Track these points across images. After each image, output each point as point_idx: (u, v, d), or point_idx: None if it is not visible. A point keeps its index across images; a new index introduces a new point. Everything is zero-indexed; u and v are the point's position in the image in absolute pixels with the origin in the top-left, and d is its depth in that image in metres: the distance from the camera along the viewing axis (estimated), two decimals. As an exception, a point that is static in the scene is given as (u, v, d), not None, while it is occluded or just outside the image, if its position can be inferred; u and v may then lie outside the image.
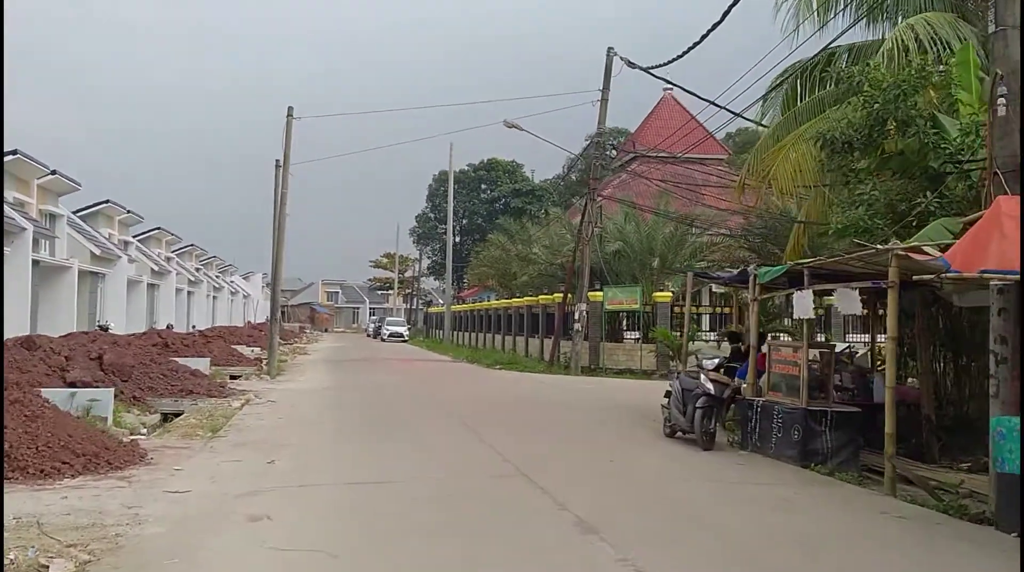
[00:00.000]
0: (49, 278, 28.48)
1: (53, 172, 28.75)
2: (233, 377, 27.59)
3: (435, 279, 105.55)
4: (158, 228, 45.07)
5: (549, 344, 34.60)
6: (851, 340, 25.76)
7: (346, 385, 23.83)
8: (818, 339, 24.37)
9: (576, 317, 29.22)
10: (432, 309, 78.66)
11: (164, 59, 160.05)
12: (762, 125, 19.11)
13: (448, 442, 13.14)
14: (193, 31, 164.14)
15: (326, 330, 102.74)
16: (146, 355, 21.08)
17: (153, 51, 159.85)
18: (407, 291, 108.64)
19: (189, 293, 49.22)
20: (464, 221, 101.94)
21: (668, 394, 13.95)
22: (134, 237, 40.57)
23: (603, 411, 17.83)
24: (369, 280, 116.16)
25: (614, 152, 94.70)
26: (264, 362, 29.06)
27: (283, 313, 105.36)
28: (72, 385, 15.10)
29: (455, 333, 54.34)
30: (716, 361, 13.59)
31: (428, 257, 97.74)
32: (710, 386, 12.72)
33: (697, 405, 12.74)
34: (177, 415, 16.99)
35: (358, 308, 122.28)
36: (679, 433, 13.52)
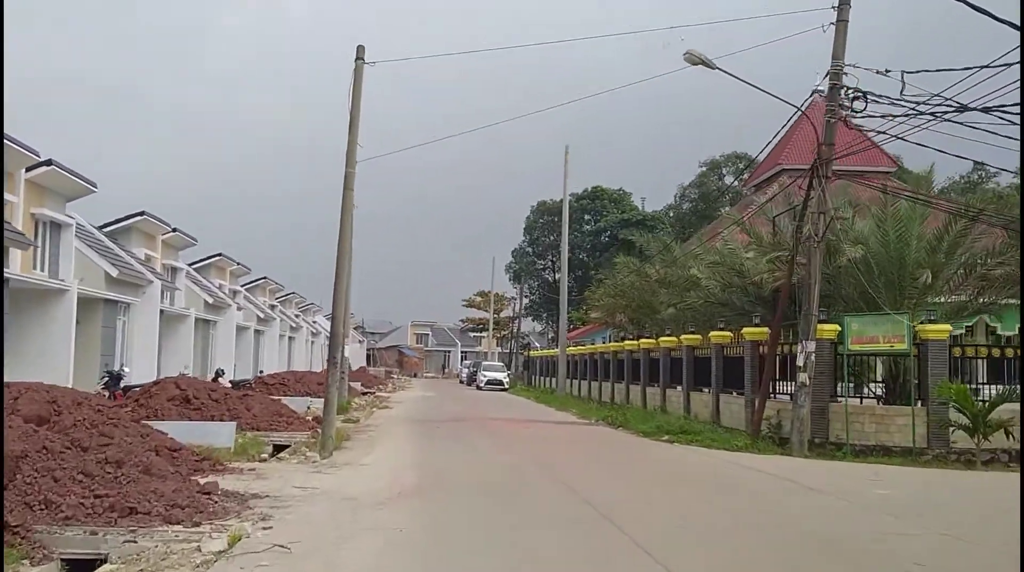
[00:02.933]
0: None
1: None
2: (278, 448, 18.31)
3: (533, 320, 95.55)
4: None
5: (727, 402, 23.92)
6: None
7: (444, 477, 13.66)
8: None
9: (800, 364, 18.57)
10: (534, 353, 68.30)
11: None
12: None
13: None
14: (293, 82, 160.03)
15: (415, 375, 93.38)
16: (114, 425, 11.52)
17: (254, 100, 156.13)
18: (503, 333, 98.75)
19: (257, 332, 44.70)
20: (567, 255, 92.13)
21: None
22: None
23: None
24: (461, 321, 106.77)
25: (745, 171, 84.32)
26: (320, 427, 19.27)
27: (370, 357, 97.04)
28: None
29: (570, 382, 43.83)
30: None
31: (527, 295, 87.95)
32: None
33: None
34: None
35: (449, 352, 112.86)
36: None
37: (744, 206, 48.57)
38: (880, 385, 21.04)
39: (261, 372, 40.21)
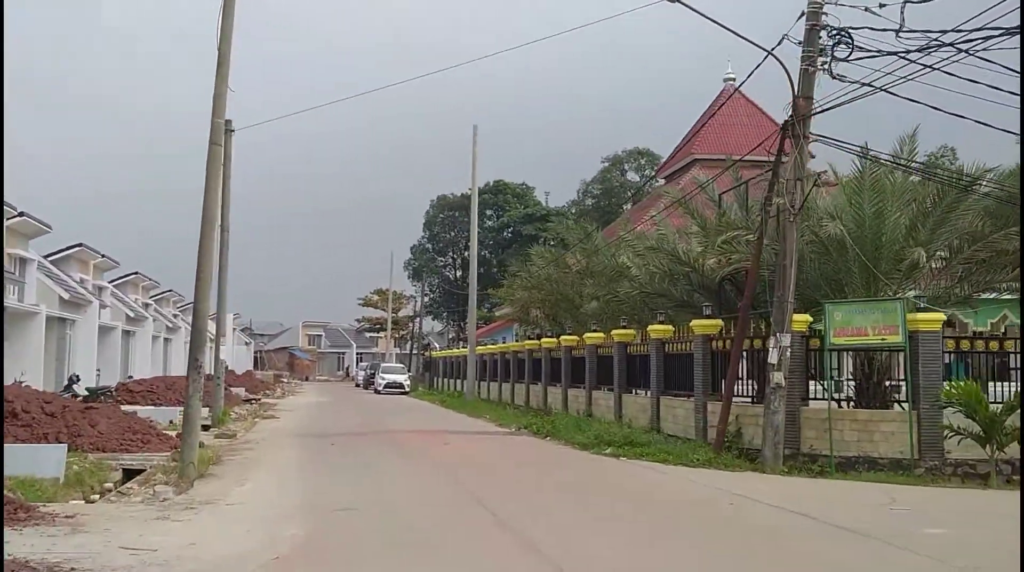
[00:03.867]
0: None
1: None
2: (129, 473, 14.59)
3: (434, 319, 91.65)
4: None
5: (670, 406, 20.76)
6: None
7: (347, 528, 9.83)
8: None
9: (774, 361, 15.42)
10: (436, 353, 64.45)
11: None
12: None
13: None
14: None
15: (307, 379, 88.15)
16: None
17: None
18: (402, 333, 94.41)
19: (126, 333, 40.30)
20: (466, 253, 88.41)
21: None
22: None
23: None
24: (357, 321, 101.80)
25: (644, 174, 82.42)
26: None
27: (257, 360, 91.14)
28: None
29: (479, 384, 40.23)
30: None
31: (427, 293, 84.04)
32: None
33: None
34: None
35: (344, 353, 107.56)
36: None
37: (656, 198, 46.11)
38: (850, 383, 18.16)
39: (130, 377, 35.53)
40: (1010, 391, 15.00)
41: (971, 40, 13.84)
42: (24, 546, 8.14)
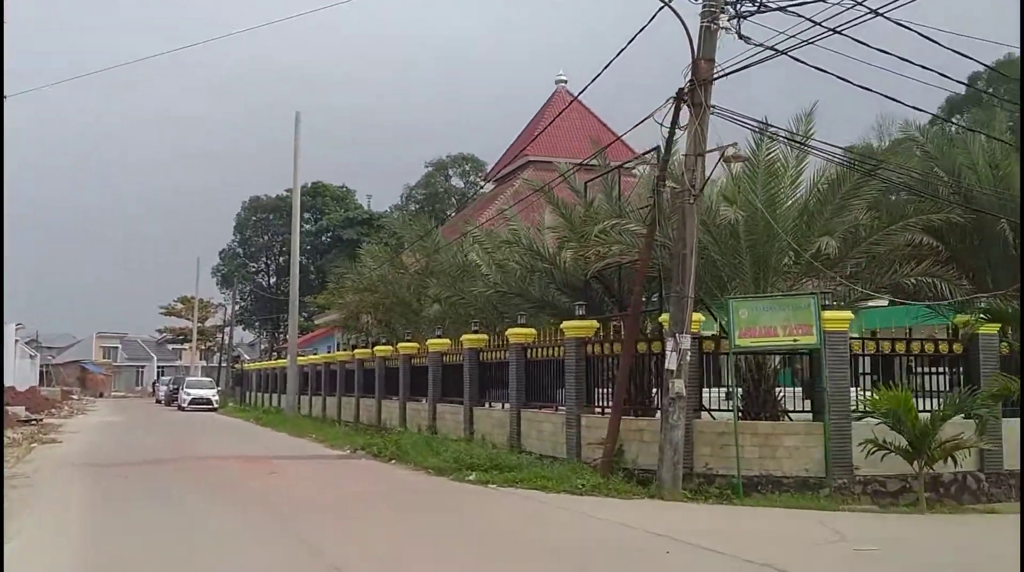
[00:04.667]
0: None
1: None
2: None
3: (245, 329, 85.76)
4: None
5: (533, 420, 18.24)
6: None
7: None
8: None
9: (672, 366, 13.12)
10: (249, 366, 59.45)
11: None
12: None
13: None
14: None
15: (101, 395, 79.98)
16: None
17: None
18: (208, 344, 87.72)
19: None
20: (281, 258, 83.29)
21: None
22: None
23: None
24: (159, 331, 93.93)
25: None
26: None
27: (44, 375, 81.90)
28: None
29: (300, 398, 36.34)
30: None
31: (237, 301, 78.48)
32: None
33: None
34: None
35: (143, 367, 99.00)
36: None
37: (492, 198, 43.89)
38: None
39: None
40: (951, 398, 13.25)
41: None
42: None
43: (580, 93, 27.46)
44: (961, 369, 14.79)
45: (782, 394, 15.65)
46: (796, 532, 10.10)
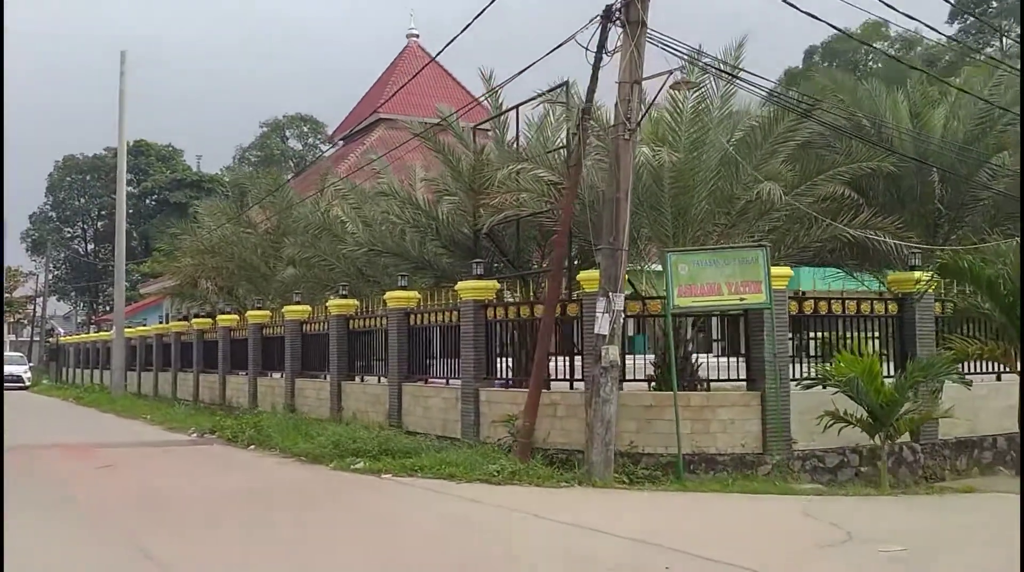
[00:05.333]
0: None
1: None
2: None
3: (60, 300, 78.40)
4: None
5: (418, 395, 15.98)
6: None
7: None
8: None
9: (603, 330, 11.16)
10: (66, 339, 53.82)
11: None
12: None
13: None
14: None
15: None
16: None
17: None
18: (17, 317, 79.73)
19: None
20: (100, 223, 76.44)
21: None
22: None
23: None
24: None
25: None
26: None
27: None
28: None
29: (128, 375, 32.36)
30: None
31: (51, 270, 71.63)
32: None
33: None
34: None
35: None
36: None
37: (339, 158, 40.90)
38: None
39: None
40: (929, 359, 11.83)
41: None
42: None
43: (437, 55, 25.36)
44: (894, 332, 13.59)
45: (698, 362, 14.10)
46: (789, 526, 8.39)
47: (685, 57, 12.68)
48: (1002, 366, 13.28)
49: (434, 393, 15.49)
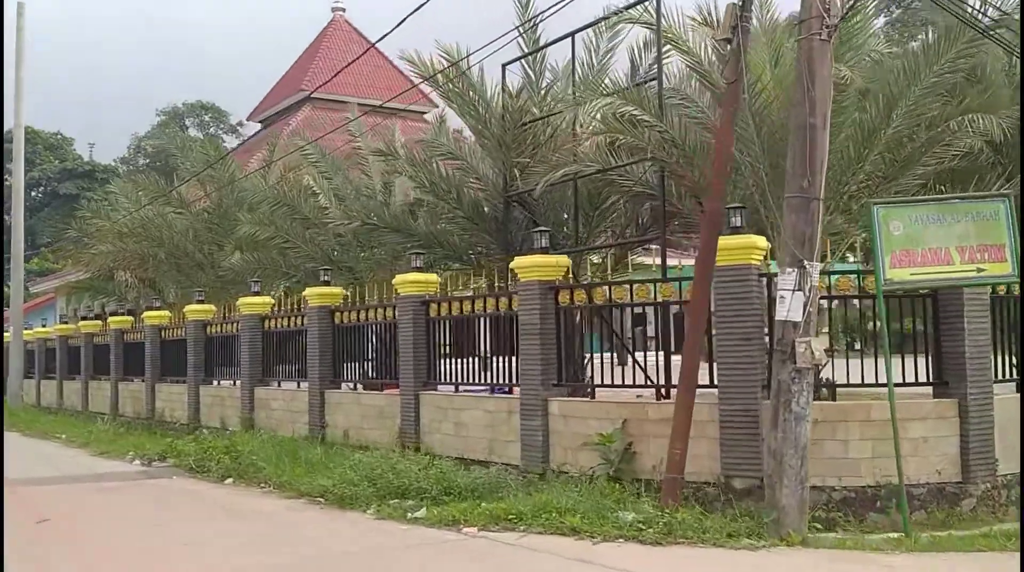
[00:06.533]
0: None
1: None
2: None
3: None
4: None
5: (440, 406, 12.23)
6: None
7: None
8: None
9: (793, 312, 7.74)
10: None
11: None
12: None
13: None
14: None
15: None
16: None
17: None
18: None
19: None
20: (-26, 212, 69.35)
21: None
22: None
23: None
24: None
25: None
26: None
27: None
28: None
29: (26, 384, 27.31)
30: None
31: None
32: None
33: None
34: None
35: None
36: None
37: (260, 141, 36.64)
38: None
39: None
40: None
41: None
42: None
43: (380, 39, 22.14)
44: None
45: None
46: None
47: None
48: None
49: (473, 404, 11.78)
